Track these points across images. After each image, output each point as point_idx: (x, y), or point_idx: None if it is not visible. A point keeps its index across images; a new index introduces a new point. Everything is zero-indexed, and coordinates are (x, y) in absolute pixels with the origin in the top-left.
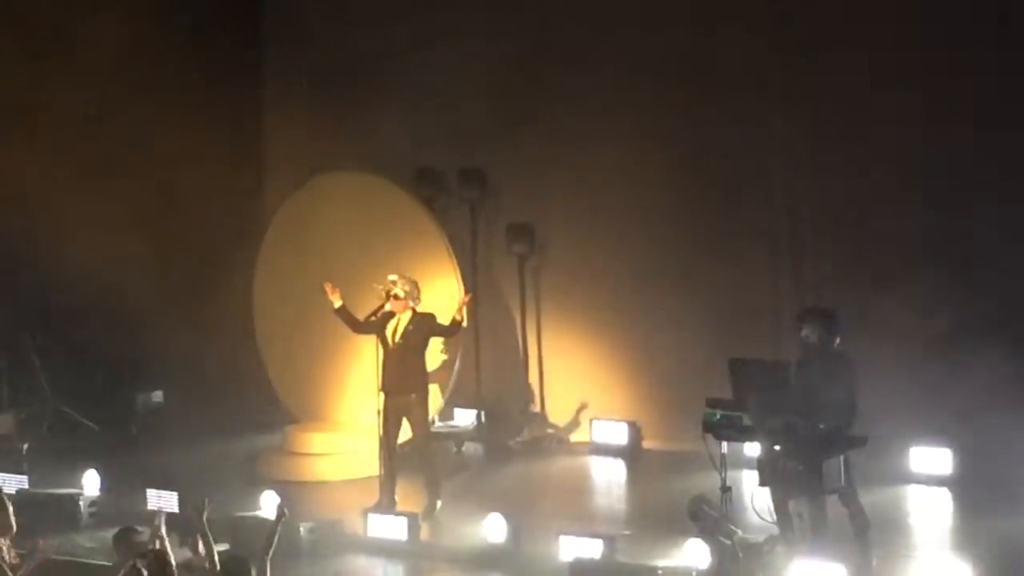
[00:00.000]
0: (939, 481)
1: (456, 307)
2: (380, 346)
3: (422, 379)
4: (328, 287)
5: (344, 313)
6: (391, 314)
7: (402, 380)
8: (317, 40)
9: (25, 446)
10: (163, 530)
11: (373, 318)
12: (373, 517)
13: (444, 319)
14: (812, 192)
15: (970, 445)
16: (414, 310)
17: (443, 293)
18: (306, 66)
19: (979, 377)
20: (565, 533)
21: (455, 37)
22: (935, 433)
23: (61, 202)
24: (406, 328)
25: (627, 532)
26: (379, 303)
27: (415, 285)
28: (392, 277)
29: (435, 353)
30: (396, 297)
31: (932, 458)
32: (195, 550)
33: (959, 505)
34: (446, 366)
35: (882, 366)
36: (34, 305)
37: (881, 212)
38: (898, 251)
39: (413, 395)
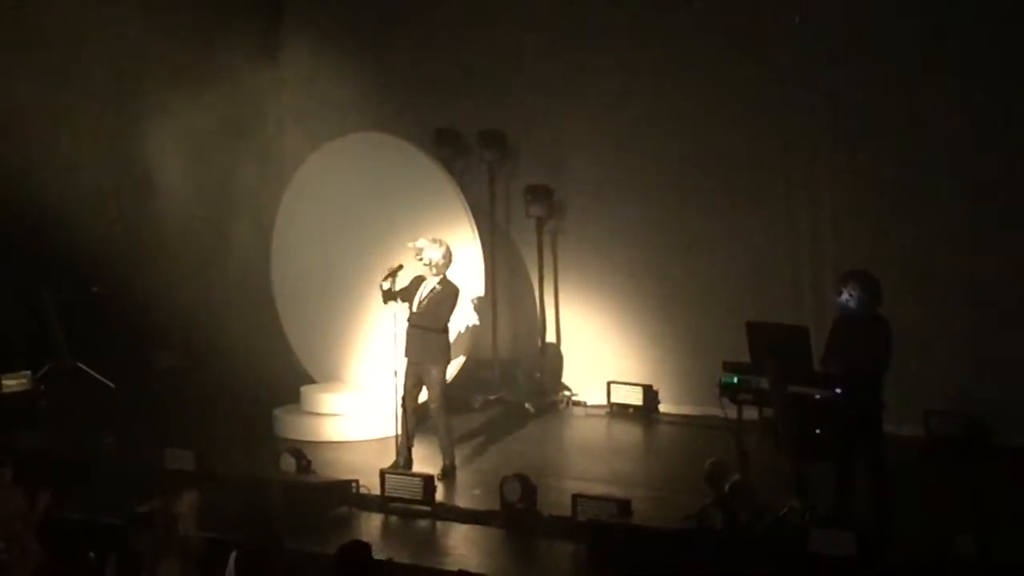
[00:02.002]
0: (953, 446)
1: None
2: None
3: (442, 348)
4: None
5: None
6: (421, 278)
7: (421, 348)
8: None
9: (43, 403)
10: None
11: (390, 280)
12: (390, 477)
13: (465, 283)
14: (832, 156)
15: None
16: (444, 276)
17: (462, 255)
18: (326, 26)
19: (996, 343)
20: (580, 495)
21: None
22: (949, 399)
23: (80, 160)
24: (429, 294)
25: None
26: (397, 264)
27: (447, 249)
28: (421, 242)
29: (463, 316)
30: (428, 261)
31: (945, 425)
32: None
33: (974, 470)
34: (470, 330)
35: (900, 333)
36: (52, 262)
37: (904, 178)
38: (918, 218)
39: (432, 366)
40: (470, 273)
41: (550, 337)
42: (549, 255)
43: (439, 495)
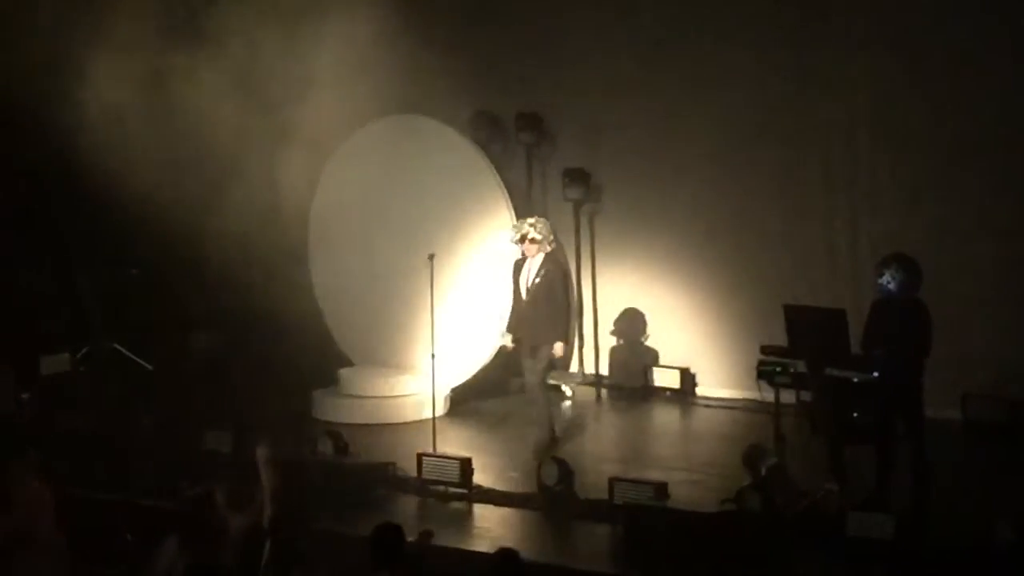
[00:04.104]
0: (992, 430)
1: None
2: (513, 293)
3: (553, 327)
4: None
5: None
6: (523, 259)
7: (533, 328)
8: None
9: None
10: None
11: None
12: (427, 460)
13: (503, 261)
14: (871, 139)
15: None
16: (546, 254)
17: (499, 239)
18: (362, 7)
19: None
20: (617, 478)
21: None
22: (988, 383)
23: (117, 141)
24: (537, 274)
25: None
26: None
27: (547, 226)
28: (530, 220)
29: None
30: (533, 241)
31: (984, 409)
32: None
33: (1012, 455)
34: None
35: (938, 315)
36: (89, 243)
37: (941, 161)
38: (957, 200)
39: (544, 344)
40: (507, 256)
41: (587, 320)
42: (586, 238)
43: (475, 478)
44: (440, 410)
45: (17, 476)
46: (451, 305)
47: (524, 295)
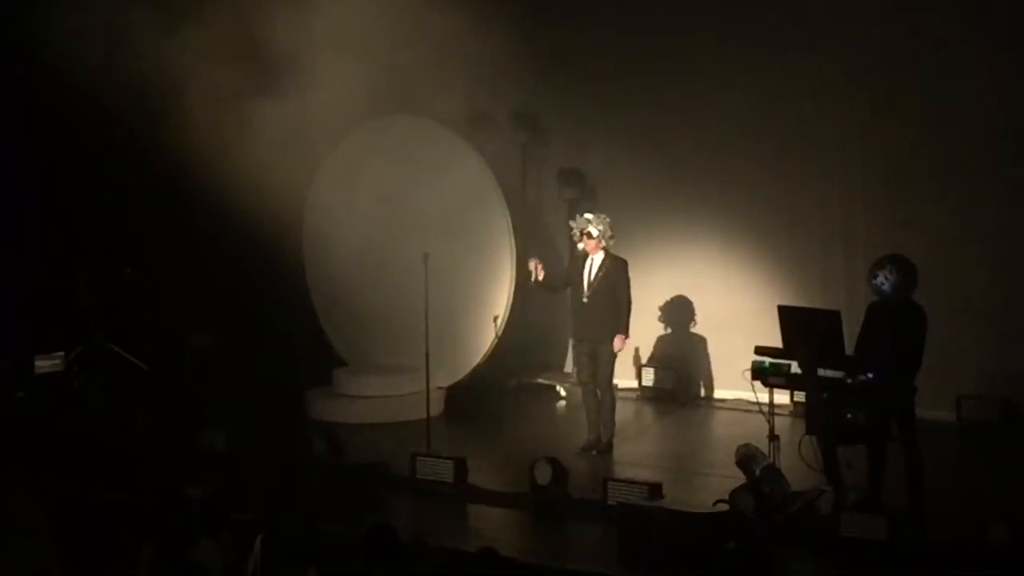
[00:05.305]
0: (986, 431)
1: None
2: (573, 290)
3: (613, 325)
4: (533, 265)
5: (545, 283)
6: (584, 256)
7: (593, 326)
8: None
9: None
10: None
11: (536, 273)
12: (420, 460)
13: (498, 261)
14: (864, 140)
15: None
16: (607, 251)
17: (493, 238)
18: (355, 5)
19: None
20: (611, 478)
21: None
22: (983, 384)
23: (116, 142)
24: (598, 271)
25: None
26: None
27: (608, 225)
28: (588, 216)
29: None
30: (589, 236)
31: (978, 410)
32: None
33: (1005, 456)
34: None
35: (931, 317)
36: (86, 243)
37: (936, 164)
38: (950, 202)
39: (606, 344)
40: (501, 257)
41: None
42: None
43: (469, 477)
44: (434, 410)
45: (11, 478)
46: (445, 305)
47: (585, 292)
